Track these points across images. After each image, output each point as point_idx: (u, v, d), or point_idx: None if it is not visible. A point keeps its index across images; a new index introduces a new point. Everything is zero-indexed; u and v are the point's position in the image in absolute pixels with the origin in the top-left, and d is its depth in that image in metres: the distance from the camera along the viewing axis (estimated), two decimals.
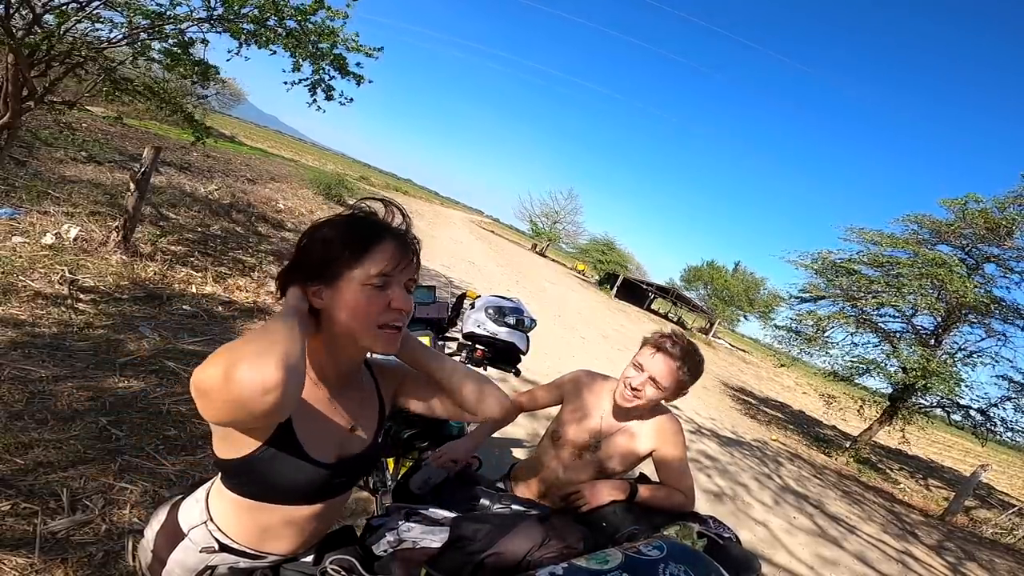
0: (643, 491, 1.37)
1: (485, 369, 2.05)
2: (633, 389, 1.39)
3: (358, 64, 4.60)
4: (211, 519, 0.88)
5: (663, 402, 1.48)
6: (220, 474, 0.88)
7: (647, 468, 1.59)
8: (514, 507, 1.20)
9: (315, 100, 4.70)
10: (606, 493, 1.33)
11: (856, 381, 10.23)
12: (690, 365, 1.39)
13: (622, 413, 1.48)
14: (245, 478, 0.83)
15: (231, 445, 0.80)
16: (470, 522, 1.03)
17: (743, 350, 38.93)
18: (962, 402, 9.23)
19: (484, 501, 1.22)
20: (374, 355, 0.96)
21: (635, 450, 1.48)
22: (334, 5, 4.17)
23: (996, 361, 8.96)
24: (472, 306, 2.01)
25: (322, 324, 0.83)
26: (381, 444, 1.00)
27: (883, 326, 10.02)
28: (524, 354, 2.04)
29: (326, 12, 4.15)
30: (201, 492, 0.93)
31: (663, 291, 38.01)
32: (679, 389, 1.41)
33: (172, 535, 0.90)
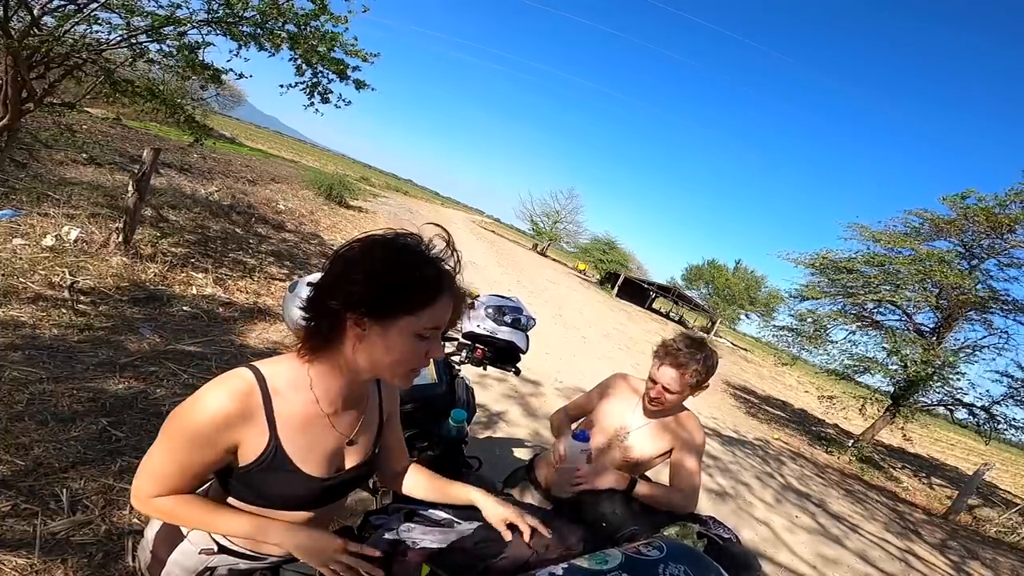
0: (642, 486, 1.38)
1: (485, 368, 2.05)
2: (651, 399, 1.56)
3: (356, 68, 4.61)
4: None
5: (686, 405, 1.65)
6: (216, 479, 0.88)
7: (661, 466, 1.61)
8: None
9: (313, 103, 4.71)
10: (606, 480, 1.35)
11: (857, 379, 10.22)
12: (695, 367, 1.51)
13: (649, 412, 1.62)
14: (241, 487, 0.84)
15: None
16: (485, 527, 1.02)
17: (744, 349, 38.86)
18: (965, 400, 9.22)
19: None
20: None
21: (658, 446, 1.59)
22: (335, 10, 4.18)
23: (996, 356, 8.98)
24: (472, 306, 2.01)
25: (347, 346, 0.81)
26: (378, 455, 1.00)
27: (883, 323, 10.01)
28: (524, 353, 2.04)
29: (327, 17, 4.16)
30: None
31: (664, 290, 37.97)
32: (696, 387, 1.55)
33: (172, 536, 0.90)
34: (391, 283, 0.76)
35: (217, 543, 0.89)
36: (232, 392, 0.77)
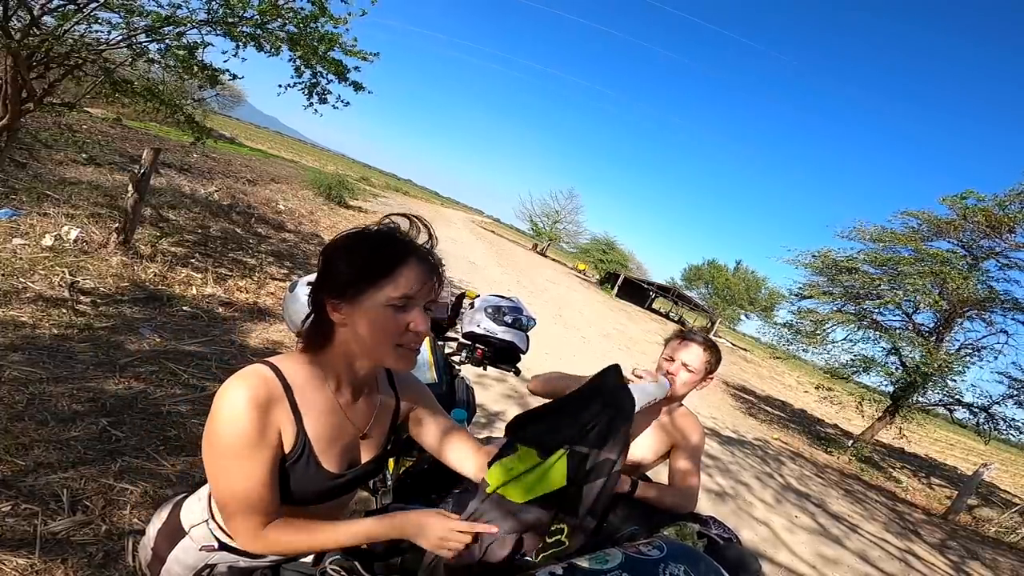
0: (642, 488, 1.38)
1: (485, 368, 2.05)
2: (667, 373, 1.53)
3: (356, 69, 4.61)
4: (212, 517, 0.89)
5: (684, 403, 1.62)
6: None
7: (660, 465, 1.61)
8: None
9: (312, 103, 4.72)
10: None
11: (856, 379, 10.22)
12: (713, 351, 1.55)
13: (650, 411, 1.58)
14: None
15: None
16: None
17: (744, 349, 38.86)
18: (964, 400, 9.22)
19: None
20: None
21: (657, 447, 1.58)
22: (334, 11, 4.19)
23: (996, 356, 8.98)
24: (471, 306, 2.01)
25: (338, 336, 0.83)
26: (389, 452, 1.01)
27: (883, 323, 10.02)
28: (524, 353, 2.04)
29: (327, 19, 4.16)
30: (204, 491, 0.93)
31: (664, 290, 37.98)
32: (706, 373, 1.56)
33: (173, 533, 0.90)
34: (351, 263, 0.80)
35: (218, 540, 0.88)
36: (252, 382, 0.77)
